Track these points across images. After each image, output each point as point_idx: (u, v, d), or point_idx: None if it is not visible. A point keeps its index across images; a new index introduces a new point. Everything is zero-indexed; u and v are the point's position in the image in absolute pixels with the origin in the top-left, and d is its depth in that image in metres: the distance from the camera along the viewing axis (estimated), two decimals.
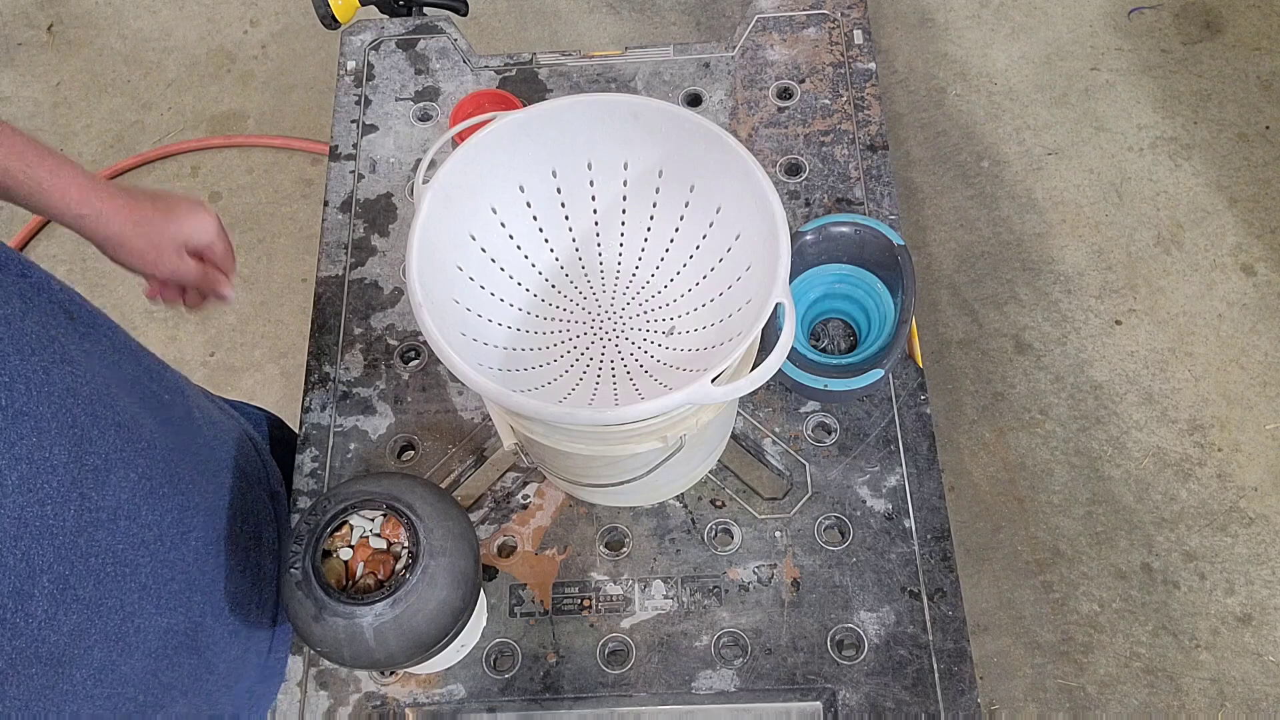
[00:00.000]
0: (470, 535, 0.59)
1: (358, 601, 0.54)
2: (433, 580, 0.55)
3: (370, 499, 0.57)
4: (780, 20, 0.88)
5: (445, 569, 0.56)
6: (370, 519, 0.57)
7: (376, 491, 0.57)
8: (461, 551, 0.57)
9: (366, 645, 0.54)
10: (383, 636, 0.54)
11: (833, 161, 0.81)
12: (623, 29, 1.70)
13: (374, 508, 0.57)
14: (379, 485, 0.58)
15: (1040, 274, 1.46)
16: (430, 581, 0.55)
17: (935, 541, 0.68)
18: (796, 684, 0.64)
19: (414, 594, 0.54)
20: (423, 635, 0.55)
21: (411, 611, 0.54)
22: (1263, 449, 1.33)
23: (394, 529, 0.57)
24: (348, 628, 0.54)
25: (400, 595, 0.54)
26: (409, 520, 0.56)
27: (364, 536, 0.57)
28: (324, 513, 0.57)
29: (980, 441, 1.36)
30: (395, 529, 0.57)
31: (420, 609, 0.55)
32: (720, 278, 0.58)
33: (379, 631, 0.54)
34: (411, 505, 0.57)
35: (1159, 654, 1.23)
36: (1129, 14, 1.64)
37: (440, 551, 0.56)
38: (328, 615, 0.54)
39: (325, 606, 0.54)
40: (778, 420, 0.72)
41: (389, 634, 0.54)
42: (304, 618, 0.55)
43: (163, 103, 1.70)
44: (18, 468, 0.45)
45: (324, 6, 0.89)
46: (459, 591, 0.57)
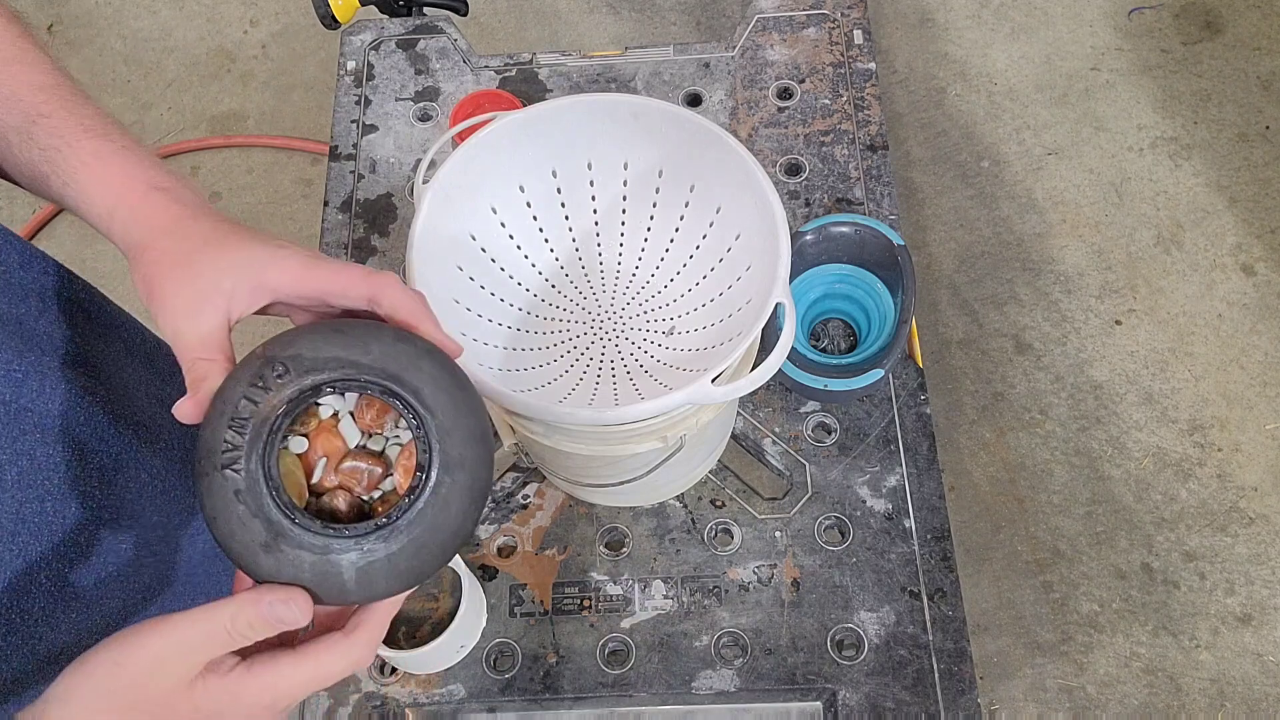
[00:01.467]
0: (487, 428, 0.42)
1: (338, 534, 0.37)
2: (446, 505, 0.38)
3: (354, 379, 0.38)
4: (780, 20, 0.88)
5: (463, 487, 0.39)
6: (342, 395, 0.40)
7: (365, 364, 0.38)
8: (482, 460, 0.40)
9: (342, 588, 0.38)
10: (369, 580, 0.38)
11: (833, 161, 0.81)
12: (623, 29, 1.70)
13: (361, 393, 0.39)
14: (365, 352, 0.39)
15: (1040, 274, 1.46)
16: (443, 506, 0.38)
17: (935, 541, 0.68)
18: (796, 684, 0.64)
19: (421, 524, 0.38)
20: (424, 572, 0.40)
21: (415, 547, 0.38)
22: (1263, 449, 1.33)
23: (376, 415, 0.40)
24: (318, 566, 0.37)
25: (402, 526, 0.38)
26: (416, 415, 0.38)
27: (330, 419, 0.40)
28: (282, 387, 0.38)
29: (980, 441, 1.36)
30: (378, 416, 0.40)
31: (426, 543, 0.38)
32: (720, 278, 0.58)
33: (365, 574, 0.38)
34: (419, 391, 0.39)
35: (1159, 654, 1.23)
36: (1129, 14, 1.64)
37: (459, 463, 0.39)
38: (288, 546, 0.37)
39: (285, 534, 0.37)
40: (778, 420, 0.72)
41: (378, 576, 0.38)
42: (245, 542, 0.37)
43: (163, 103, 1.70)
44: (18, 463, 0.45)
45: (324, 6, 0.89)
46: (474, 514, 0.40)
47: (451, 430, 0.39)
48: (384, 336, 0.40)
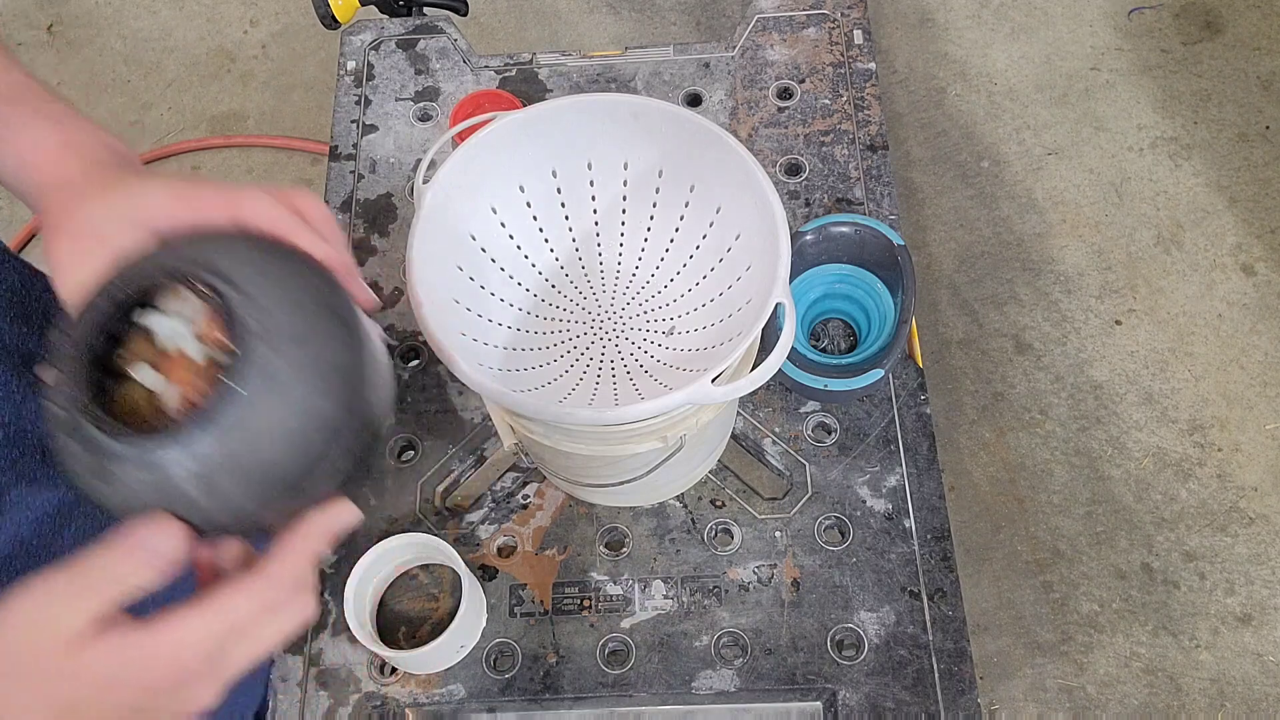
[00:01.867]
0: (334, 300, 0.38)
1: (160, 441, 0.33)
2: (276, 382, 0.34)
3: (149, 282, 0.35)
4: (780, 20, 0.88)
5: (297, 361, 0.35)
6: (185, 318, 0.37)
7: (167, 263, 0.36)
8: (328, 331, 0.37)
9: (190, 503, 0.35)
10: (215, 486, 0.34)
11: (833, 161, 0.81)
12: (623, 29, 1.70)
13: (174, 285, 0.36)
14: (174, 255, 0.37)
15: (1040, 274, 1.46)
16: (273, 384, 0.34)
17: (935, 541, 0.68)
18: (796, 684, 0.64)
19: (250, 408, 0.34)
20: (280, 466, 0.35)
21: (252, 437, 0.34)
22: (1263, 449, 1.33)
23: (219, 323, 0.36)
24: (157, 484, 0.34)
25: (228, 416, 0.33)
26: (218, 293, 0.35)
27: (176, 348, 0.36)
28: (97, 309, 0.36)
29: (980, 441, 1.36)
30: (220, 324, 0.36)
31: (266, 430, 0.34)
32: (720, 278, 0.58)
33: (207, 480, 0.34)
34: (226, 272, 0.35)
35: (1159, 654, 1.23)
36: (1129, 14, 1.64)
37: (282, 333, 0.35)
38: (118, 469, 0.34)
39: (111, 456, 0.34)
40: (778, 420, 0.72)
41: (224, 481, 0.34)
42: (82, 475, 0.35)
43: (163, 103, 1.70)
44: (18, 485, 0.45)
45: (324, 6, 0.89)
46: (330, 392, 0.36)
47: (270, 304, 0.35)
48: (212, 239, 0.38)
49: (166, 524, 0.35)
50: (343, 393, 0.37)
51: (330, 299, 0.38)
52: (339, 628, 0.67)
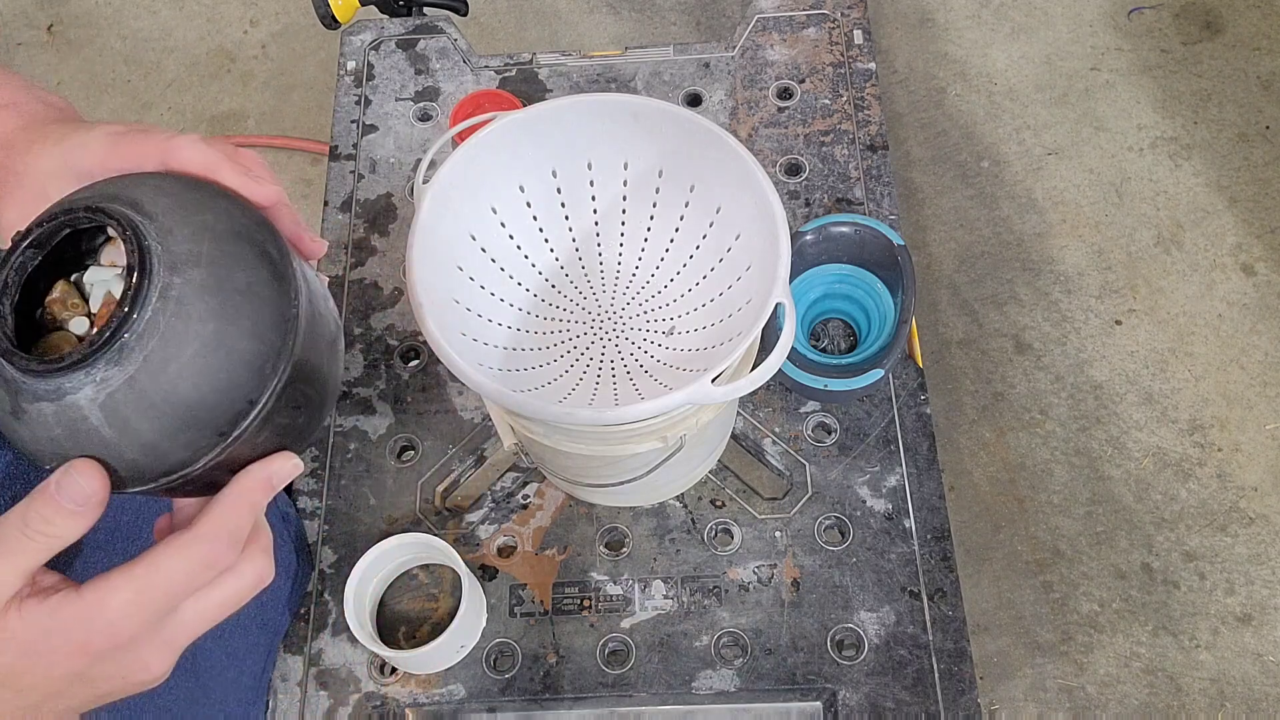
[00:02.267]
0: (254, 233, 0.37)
1: (60, 364, 0.32)
2: (183, 308, 0.33)
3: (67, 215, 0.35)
4: (780, 20, 0.88)
5: (204, 286, 0.34)
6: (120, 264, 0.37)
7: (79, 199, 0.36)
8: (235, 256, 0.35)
9: (100, 438, 0.33)
10: (121, 418, 0.33)
11: (833, 161, 0.81)
12: (623, 29, 1.70)
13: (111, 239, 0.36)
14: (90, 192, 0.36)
15: (1040, 274, 1.46)
16: (179, 310, 0.33)
17: (935, 541, 0.68)
18: (796, 684, 0.64)
19: (154, 334, 0.33)
20: (195, 405, 0.34)
21: (158, 364, 0.33)
22: (1263, 449, 1.33)
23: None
24: (60, 415, 0.33)
25: (129, 341, 0.33)
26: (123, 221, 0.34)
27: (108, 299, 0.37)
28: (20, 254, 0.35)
29: (980, 441, 1.36)
30: None
31: (173, 358, 0.33)
32: (720, 278, 0.58)
33: (110, 410, 0.33)
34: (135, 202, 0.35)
35: (1159, 654, 1.23)
36: (1129, 14, 1.64)
37: (189, 259, 0.34)
38: (28, 403, 0.33)
39: (20, 389, 0.33)
40: (778, 420, 0.72)
41: (129, 412, 0.33)
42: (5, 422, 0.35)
43: (163, 103, 1.70)
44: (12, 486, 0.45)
45: (324, 6, 0.89)
46: (244, 322, 0.35)
47: (175, 228, 0.34)
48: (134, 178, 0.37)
49: (81, 466, 0.34)
50: (269, 333, 0.35)
51: (254, 234, 0.37)
52: (339, 628, 0.67)
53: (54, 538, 0.33)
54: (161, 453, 0.34)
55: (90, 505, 0.34)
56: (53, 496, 0.33)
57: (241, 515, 0.36)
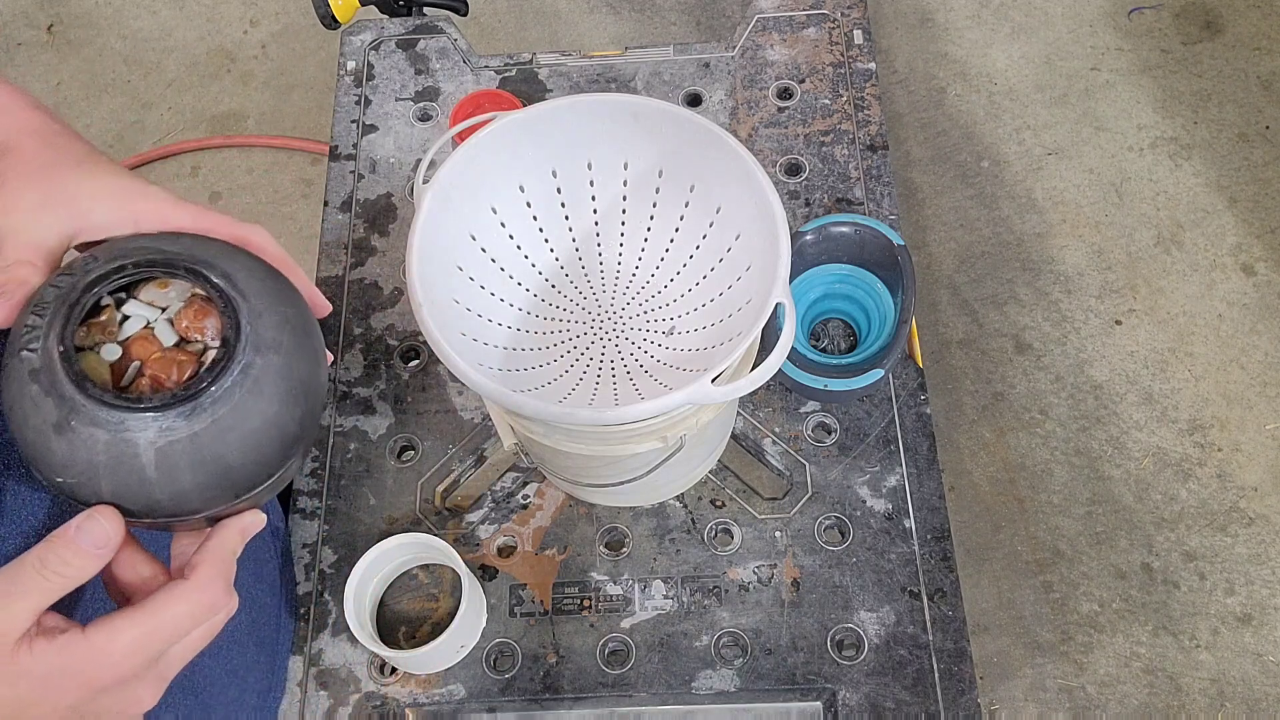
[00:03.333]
0: (314, 332, 0.41)
1: (133, 405, 0.35)
2: (258, 386, 0.37)
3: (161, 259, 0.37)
4: (780, 20, 0.88)
5: (278, 372, 0.37)
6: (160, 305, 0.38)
7: (173, 250, 0.38)
8: (303, 351, 0.39)
9: (142, 477, 0.35)
10: (170, 466, 0.35)
11: (833, 161, 0.81)
12: (623, 29, 1.70)
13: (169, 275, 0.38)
14: (176, 242, 0.39)
15: (1040, 274, 1.46)
16: (254, 388, 0.37)
17: (935, 541, 0.68)
18: (796, 684, 0.64)
19: (227, 403, 0.36)
20: (234, 469, 0.37)
21: (221, 429, 0.36)
22: (1263, 449, 1.33)
23: (198, 318, 0.38)
24: (112, 446, 0.35)
25: (205, 402, 0.35)
26: (224, 295, 0.37)
27: (147, 329, 0.38)
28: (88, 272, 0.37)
29: (980, 441, 1.36)
30: (200, 319, 0.38)
31: (235, 427, 0.36)
32: (720, 278, 0.58)
33: (165, 456, 0.35)
34: (230, 275, 0.38)
35: (1159, 654, 1.23)
36: (1129, 14, 1.64)
37: (272, 346, 0.37)
38: (80, 424, 0.34)
39: (77, 409, 0.34)
40: (778, 420, 0.72)
41: (181, 462, 0.36)
42: (37, 426, 0.35)
43: (163, 103, 1.70)
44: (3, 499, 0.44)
45: (324, 6, 0.89)
46: (295, 409, 0.38)
47: (264, 313, 0.38)
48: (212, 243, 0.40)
49: (106, 512, 0.35)
50: (308, 420, 0.39)
51: (306, 321, 0.41)
52: (339, 628, 0.67)
53: (69, 579, 0.35)
54: (183, 500, 0.37)
55: (108, 548, 0.35)
56: (73, 539, 0.35)
57: (229, 567, 0.39)
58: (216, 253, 0.39)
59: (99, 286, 0.37)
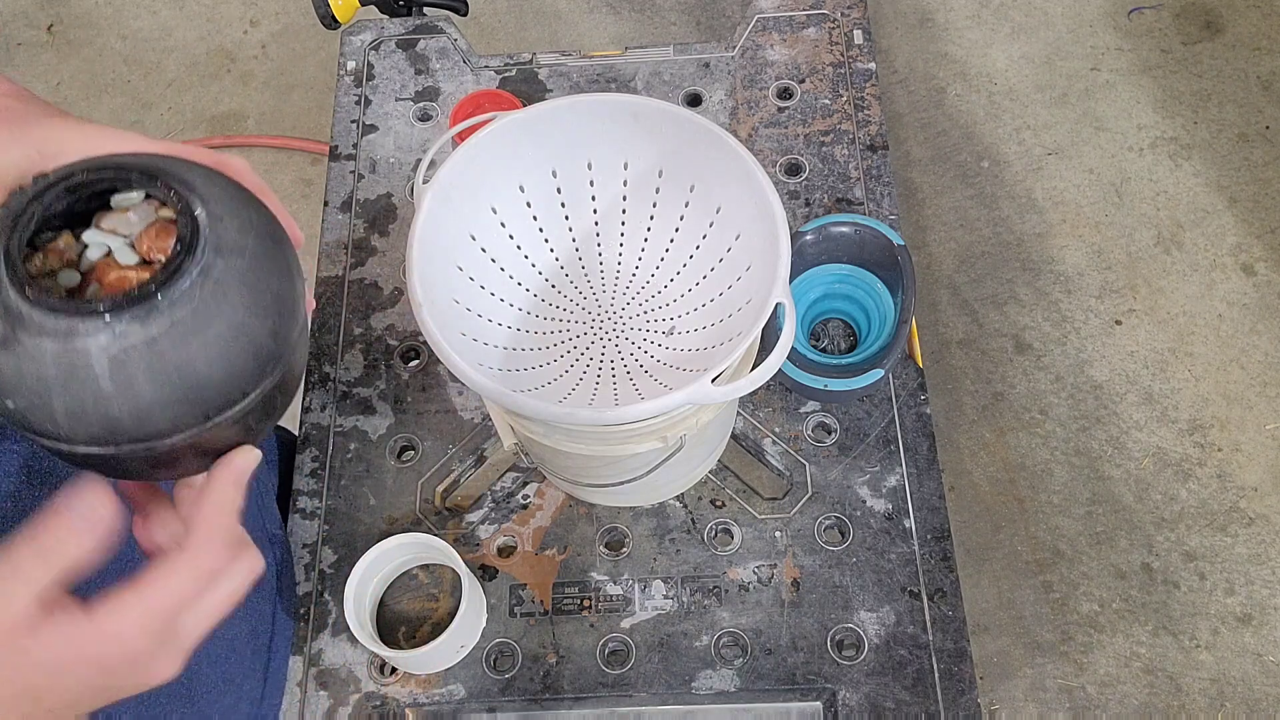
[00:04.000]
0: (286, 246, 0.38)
1: (82, 310, 0.31)
2: (220, 289, 0.33)
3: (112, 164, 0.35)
4: (780, 20, 0.88)
5: (242, 277, 0.34)
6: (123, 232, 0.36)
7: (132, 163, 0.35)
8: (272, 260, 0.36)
9: (96, 391, 0.32)
10: (127, 376, 0.32)
11: (833, 161, 0.81)
12: (623, 29, 1.70)
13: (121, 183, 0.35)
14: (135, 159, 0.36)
15: (1040, 274, 1.46)
16: (217, 290, 0.33)
17: (935, 541, 0.68)
18: (796, 684, 0.64)
19: (187, 304, 0.32)
20: (200, 381, 0.33)
21: (182, 334, 0.32)
22: (1263, 449, 1.33)
23: (160, 238, 0.35)
24: (62, 357, 0.31)
25: (162, 304, 0.32)
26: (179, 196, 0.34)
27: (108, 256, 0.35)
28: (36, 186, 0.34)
29: (980, 441, 1.36)
30: (163, 239, 0.35)
31: (197, 332, 0.33)
32: (720, 278, 0.58)
33: (120, 366, 0.32)
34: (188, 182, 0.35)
35: (1159, 654, 1.23)
36: (1129, 14, 1.64)
37: (235, 249, 0.34)
38: (27, 335, 0.31)
39: (22, 319, 0.31)
40: (778, 420, 0.72)
41: (139, 372, 0.32)
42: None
43: (163, 103, 1.70)
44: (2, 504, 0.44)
45: (324, 6, 0.89)
46: (265, 320, 0.35)
47: (226, 218, 0.34)
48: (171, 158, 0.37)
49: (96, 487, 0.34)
50: (282, 336, 0.36)
51: (286, 245, 0.38)
52: (339, 628, 0.67)
53: (67, 558, 0.33)
54: (146, 419, 0.33)
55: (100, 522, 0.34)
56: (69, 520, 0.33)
57: (228, 519, 0.37)
58: (178, 165, 0.36)
59: (46, 195, 0.34)
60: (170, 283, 0.32)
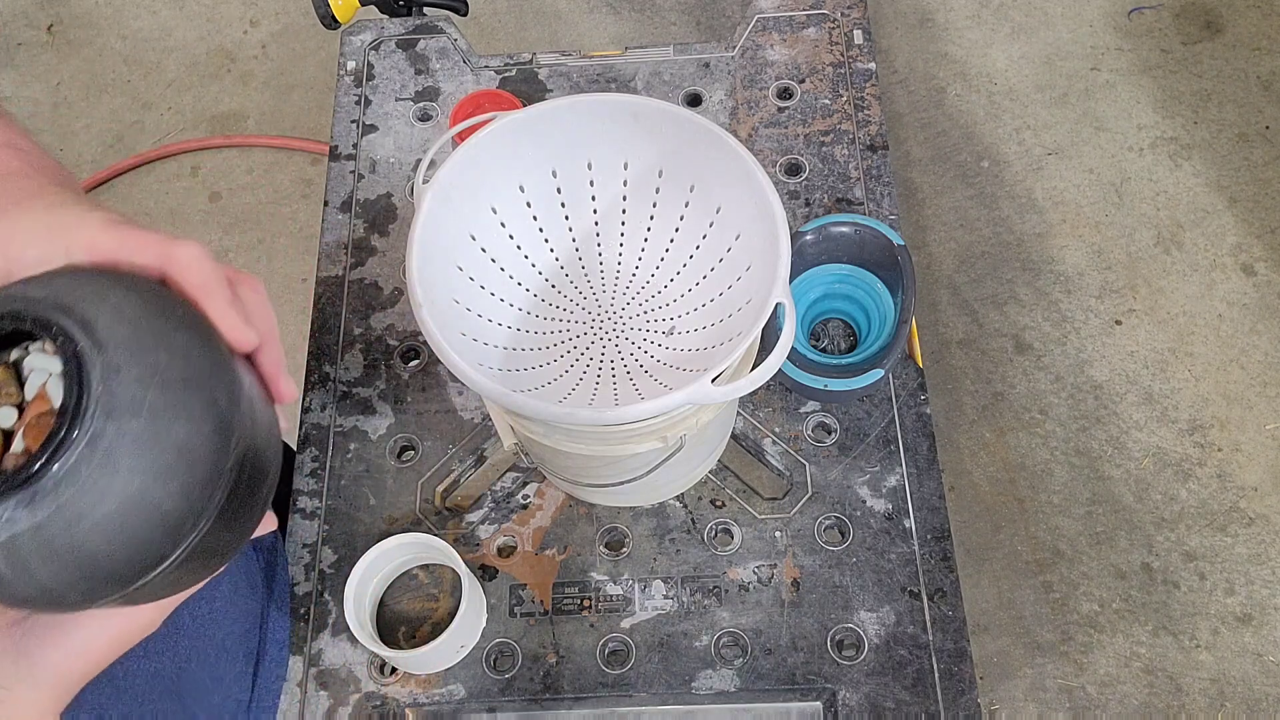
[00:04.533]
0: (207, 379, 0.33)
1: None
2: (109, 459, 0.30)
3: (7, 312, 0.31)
4: (780, 20, 0.88)
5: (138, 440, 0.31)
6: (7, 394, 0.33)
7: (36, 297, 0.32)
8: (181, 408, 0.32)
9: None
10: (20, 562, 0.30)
11: (833, 161, 0.81)
12: (623, 29, 1.70)
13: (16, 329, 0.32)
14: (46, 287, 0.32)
15: (1040, 274, 1.46)
16: (106, 461, 0.30)
17: (935, 541, 0.68)
18: (796, 684, 0.64)
19: (72, 483, 0.30)
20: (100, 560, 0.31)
21: (69, 517, 0.30)
22: (1263, 449, 1.33)
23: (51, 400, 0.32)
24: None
25: (46, 485, 0.30)
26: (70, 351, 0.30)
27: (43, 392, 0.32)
28: None
29: (980, 441, 1.36)
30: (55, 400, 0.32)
31: (86, 513, 0.30)
32: (720, 278, 0.58)
33: (10, 551, 0.30)
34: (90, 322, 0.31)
35: (1159, 654, 1.23)
36: (1129, 14, 1.64)
37: (130, 408, 0.31)
38: None
39: None
40: (778, 420, 0.72)
41: (30, 556, 0.30)
42: None
43: (163, 103, 1.70)
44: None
45: (324, 6, 0.89)
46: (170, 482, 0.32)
47: (125, 367, 0.30)
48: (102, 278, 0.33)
49: None
50: (196, 491, 0.32)
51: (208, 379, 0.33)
52: (339, 628, 0.67)
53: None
54: (56, 596, 0.32)
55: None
56: None
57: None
58: (89, 293, 0.32)
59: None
60: (52, 459, 0.30)
